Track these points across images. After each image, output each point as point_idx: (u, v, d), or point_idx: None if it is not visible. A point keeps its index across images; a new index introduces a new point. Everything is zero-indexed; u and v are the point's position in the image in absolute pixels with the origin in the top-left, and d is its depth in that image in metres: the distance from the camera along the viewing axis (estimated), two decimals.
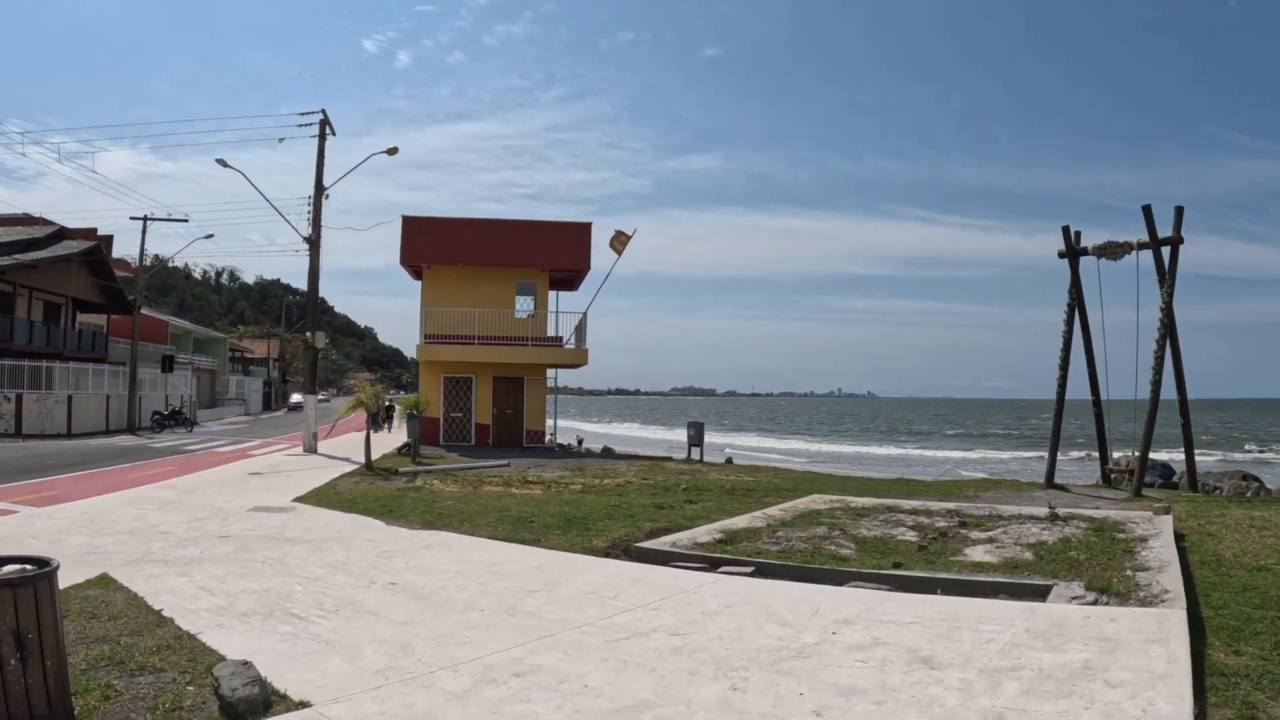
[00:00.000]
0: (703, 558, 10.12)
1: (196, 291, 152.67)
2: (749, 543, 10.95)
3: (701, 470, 22.80)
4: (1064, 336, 19.15)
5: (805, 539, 11.08)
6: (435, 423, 31.67)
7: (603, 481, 18.98)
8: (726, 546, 10.73)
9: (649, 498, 15.92)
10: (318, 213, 29.40)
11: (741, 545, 10.81)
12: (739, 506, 14.64)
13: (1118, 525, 11.54)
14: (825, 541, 10.90)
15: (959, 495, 17.69)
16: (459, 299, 31.88)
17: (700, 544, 10.88)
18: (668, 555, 10.35)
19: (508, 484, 17.83)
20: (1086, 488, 19.33)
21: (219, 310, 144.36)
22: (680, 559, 10.16)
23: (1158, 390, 17.39)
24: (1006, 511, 12.89)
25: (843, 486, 19.10)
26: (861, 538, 11.11)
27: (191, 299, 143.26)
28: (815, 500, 14.67)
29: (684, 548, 10.64)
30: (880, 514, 13.02)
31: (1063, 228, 19.25)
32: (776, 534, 11.47)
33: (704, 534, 11.52)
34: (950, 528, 11.75)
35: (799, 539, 11.07)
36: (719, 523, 12.53)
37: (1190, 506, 14.68)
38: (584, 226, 33.01)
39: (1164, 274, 17.55)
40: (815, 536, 11.21)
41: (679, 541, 11.03)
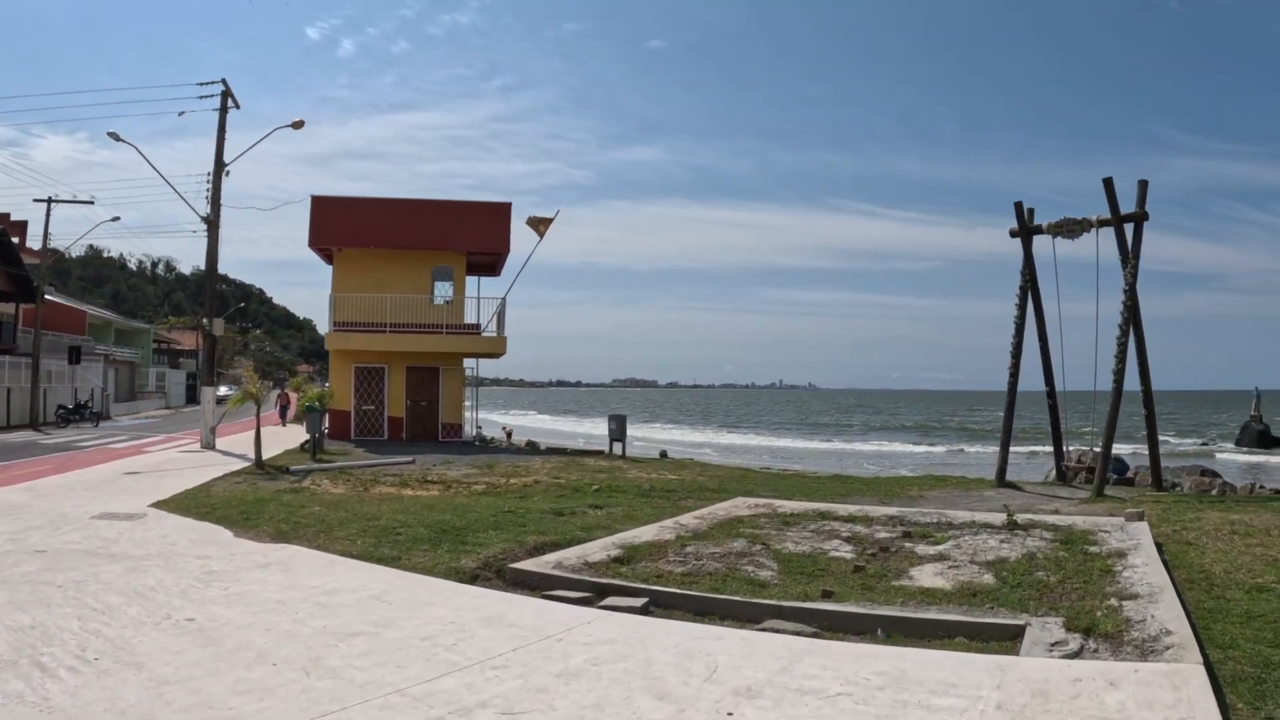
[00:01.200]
0: (588, 584, 8.16)
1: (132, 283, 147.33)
2: (650, 562, 8.98)
3: (622, 467, 20.84)
4: (1016, 322, 17.47)
5: (719, 556, 9.12)
6: (346, 416, 29.41)
7: (509, 481, 17.17)
8: (620, 568, 8.75)
9: (552, 501, 14.17)
10: (217, 191, 26.94)
11: (640, 566, 8.84)
12: (651, 513, 12.71)
13: (1087, 535, 9.75)
14: (743, 560, 8.94)
15: (902, 496, 15.94)
16: (371, 284, 29.49)
17: (591, 564, 8.91)
18: (546, 580, 8.44)
19: (404, 484, 16.24)
20: (1041, 486, 17.70)
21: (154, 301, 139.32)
22: (560, 585, 8.25)
23: (1121, 380, 15.57)
24: (958, 518, 11.07)
25: (774, 486, 17.26)
26: (787, 555, 9.17)
27: (126, 290, 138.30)
28: (739, 505, 12.75)
29: (568, 570, 8.65)
30: (812, 522, 11.12)
31: (1015, 204, 17.63)
32: (686, 549, 9.50)
33: (598, 550, 9.53)
34: (893, 540, 9.88)
35: (712, 556, 9.11)
36: (622, 534, 10.59)
37: (1160, 509, 13.03)
38: (503, 207, 30.86)
39: (1127, 254, 15.99)
40: (731, 553, 9.25)
41: (565, 561, 9.03)
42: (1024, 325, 17.39)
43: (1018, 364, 17.47)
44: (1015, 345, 17.46)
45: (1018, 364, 17.47)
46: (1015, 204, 17.48)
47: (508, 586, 8.42)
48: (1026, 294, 17.42)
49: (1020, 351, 17.45)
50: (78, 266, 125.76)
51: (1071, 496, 15.86)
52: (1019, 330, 17.41)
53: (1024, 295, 17.41)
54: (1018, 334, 17.42)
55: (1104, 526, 10.21)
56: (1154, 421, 16.38)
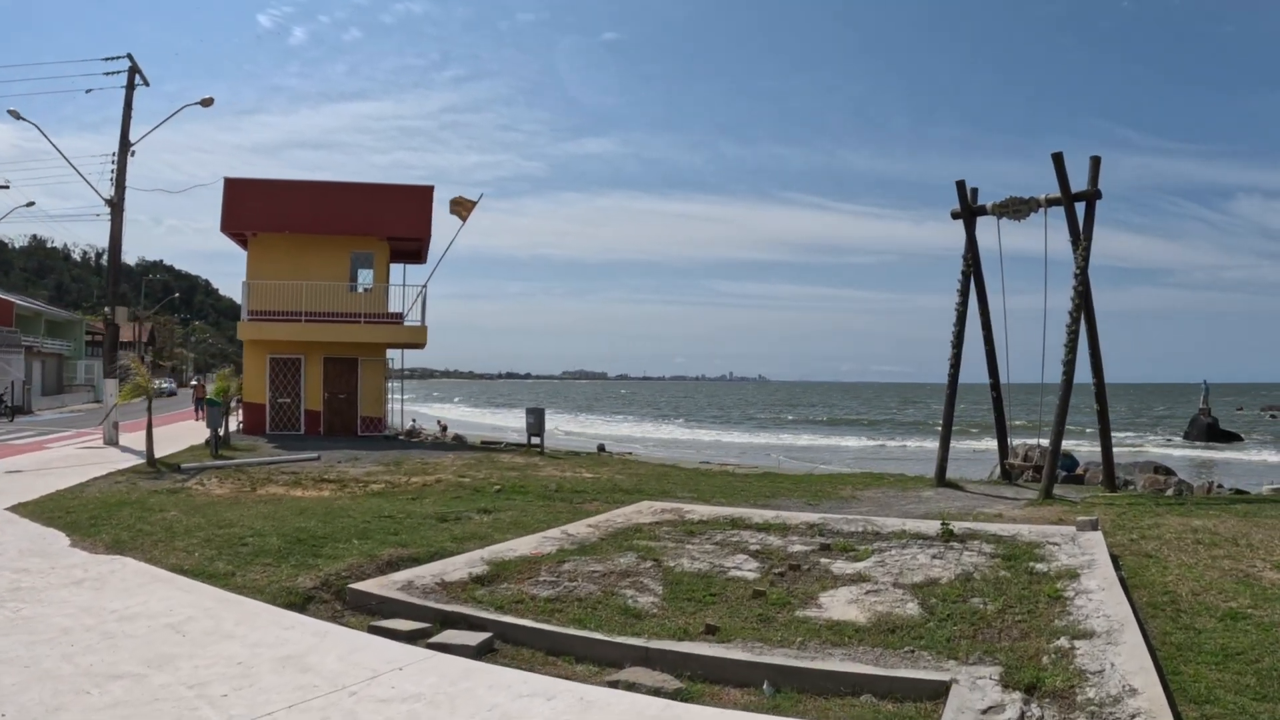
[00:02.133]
0: (431, 611, 6.68)
1: (75, 274, 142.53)
2: (516, 583, 7.45)
3: (537, 464, 19.30)
4: (958, 309, 16.12)
5: (599, 576, 7.59)
6: (261, 410, 27.68)
7: (409, 480, 15.83)
8: (478, 590, 7.23)
9: (444, 504, 12.76)
10: (121, 172, 25.37)
11: (501, 588, 7.31)
12: (543, 519, 11.22)
13: (1034, 549, 8.34)
14: (625, 581, 7.41)
15: (832, 496, 14.56)
16: (289, 271, 27.71)
17: (446, 584, 7.41)
18: (385, 605, 7.00)
19: (297, 483, 15.01)
20: (984, 485, 16.39)
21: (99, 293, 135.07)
22: (399, 613, 6.80)
23: (1071, 371, 14.21)
24: (887, 527, 9.62)
25: (696, 485, 15.78)
26: (679, 574, 7.65)
27: (70, 281, 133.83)
28: (643, 510, 11.22)
29: (417, 592, 7.14)
30: (719, 531, 9.62)
31: (957, 183, 16.20)
32: (563, 566, 7.97)
33: (461, 566, 8.00)
34: (808, 554, 8.41)
35: (590, 576, 7.58)
36: (498, 545, 9.11)
37: (1114, 513, 11.73)
38: (424, 190, 29.19)
39: (1079, 234, 14.53)
40: (614, 572, 7.72)
41: (417, 580, 7.50)
42: (966, 313, 16.02)
43: (959, 354, 16.11)
44: (956, 334, 16.09)
45: (959, 354, 16.11)
46: (957, 183, 16.11)
47: (345, 610, 7.11)
48: (969, 279, 16.06)
49: (962, 341, 16.09)
50: (20, 258, 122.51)
51: (1017, 497, 14.58)
52: (960, 318, 16.04)
53: (966, 280, 16.05)
54: (959, 322, 16.05)
55: (1052, 537, 8.82)
56: (1106, 416, 15.06)
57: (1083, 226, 14.30)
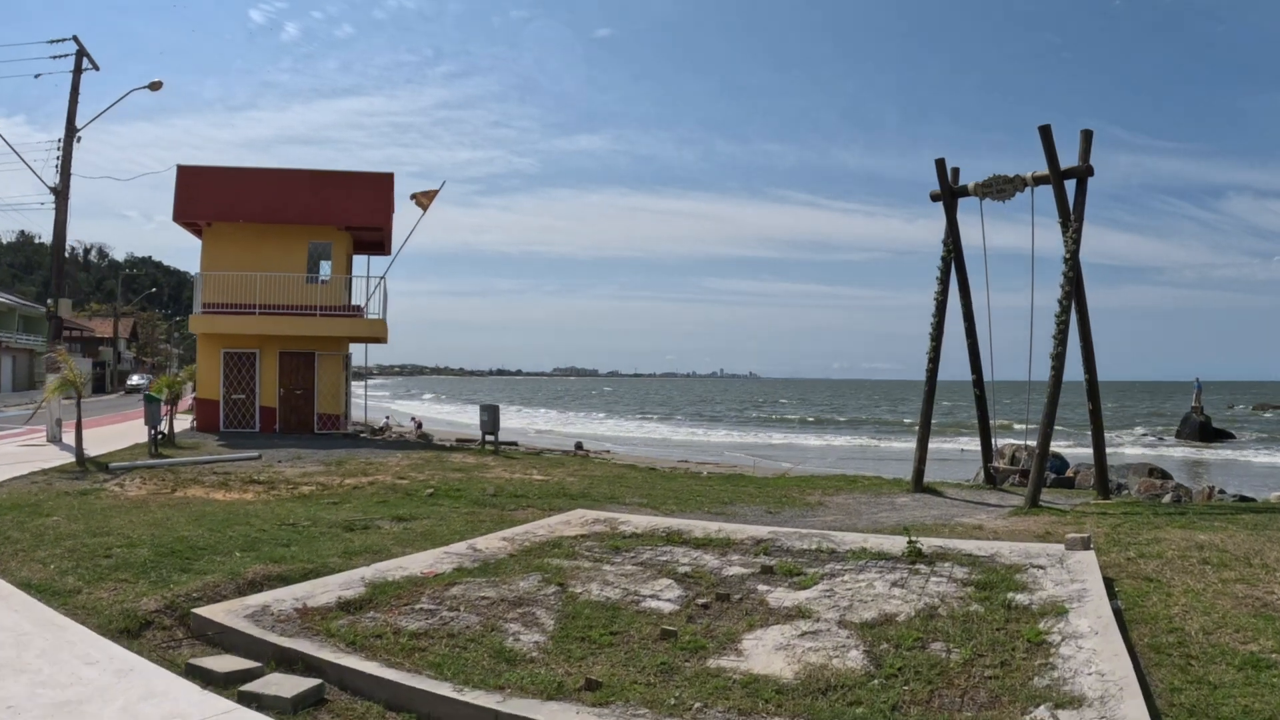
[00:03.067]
0: (269, 647, 5.47)
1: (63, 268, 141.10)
2: (386, 610, 6.15)
3: (488, 465, 18.00)
4: (937, 299, 14.72)
5: (488, 604, 6.25)
6: (215, 406, 26.43)
7: (344, 482, 14.69)
8: (339, 619, 5.98)
9: (363, 509, 11.59)
10: (67, 159, 24.26)
11: (367, 617, 6.03)
12: (460, 529, 9.96)
13: (1014, 575, 6.97)
14: (514, 612, 6.06)
15: (797, 502, 13.23)
16: (247, 262, 26.45)
17: (309, 609, 6.22)
18: (225, 635, 5.91)
19: (223, 484, 14.02)
20: (965, 490, 15.02)
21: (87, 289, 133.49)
22: (237, 645, 5.76)
23: (1061, 365, 12.72)
24: (845, 544, 8.26)
25: (649, 490, 14.42)
26: (582, 605, 6.29)
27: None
28: (572, 520, 9.85)
29: (267, 620, 6.03)
30: (651, 547, 8.26)
31: (936, 161, 14.79)
32: (451, 590, 6.62)
33: (334, 588, 6.71)
34: (745, 579, 7.05)
35: (477, 604, 6.24)
36: (389, 562, 7.85)
37: (1108, 524, 10.39)
38: (384, 178, 27.97)
39: (1068, 215, 12.99)
40: (507, 599, 6.37)
41: (274, 605, 6.31)
42: (946, 302, 14.62)
43: (938, 348, 14.69)
44: (935, 326, 14.67)
45: (938, 348, 14.69)
46: (937, 161, 14.68)
47: (184, 639, 6.04)
48: (950, 266, 14.65)
49: (941, 333, 14.68)
50: (8, 253, 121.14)
51: (1001, 504, 13.26)
52: (940, 308, 14.62)
53: (946, 268, 14.64)
54: (938, 312, 14.63)
55: (1037, 558, 7.47)
56: (1099, 415, 13.63)
57: (1073, 206, 12.88)
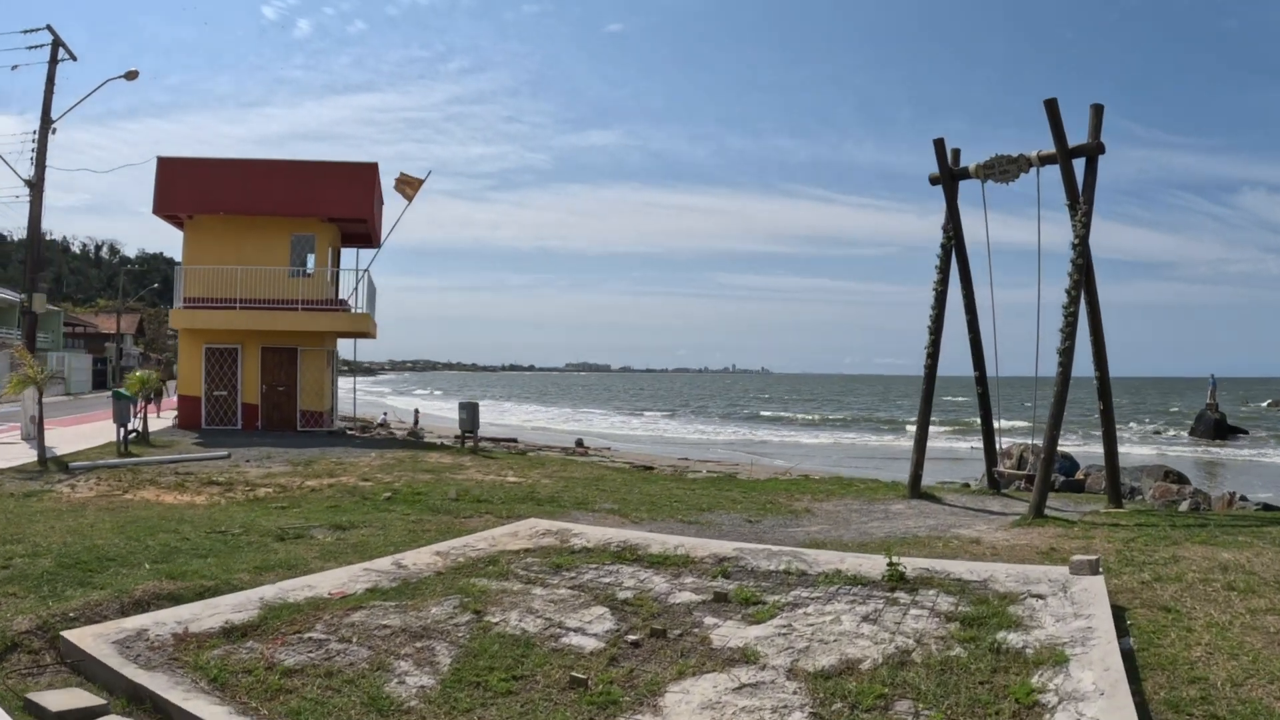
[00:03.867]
0: (123, 681, 4.85)
1: (74, 265, 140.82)
2: (270, 640, 5.40)
3: (461, 465, 17.16)
4: (935, 289, 13.61)
5: (386, 635, 5.32)
6: (196, 403, 25.73)
7: (304, 483, 14.06)
8: (215, 649, 5.26)
9: (309, 515, 10.90)
10: (42, 151, 23.80)
11: (245, 647, 5.23)
12: (398, 540, 9.23)
13: (1007, 606, 5.93)
14: (412, 646, 5.10)
15: (783, 510, 12.24)
16: (227, 255, 25.69)
17: (189, 635, 5.53)
18: (86, 664, 5.13)
19: (180, 485, 13.38)
20: (966, 496, 13.95)
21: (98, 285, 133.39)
22: (96, 676, 5.01)
23: (1069, 361, 11.56)
24: (818, 564, 7.22)
25: (625, 495, 13.43)
26: (492, 639, 5.29)
27: (69, 273, 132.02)
28: (521, 532, 8.84)
29: (139, 647, 5.38)
30: (596, 565, 7.25)
31: (935, 142, 13.66)
32: (353, 616, 5.69)
33: (227, 610, 5.87)
34: (693, 606, 6.04)
35: (374, 634, 5.31)
36: (302, 579, 6.96)
37: (1120, 538, 9.31)
38: (367, 168, 27.11)
39: (1077, 196, 11.86)
40: (410, 629, 5.40)
41: (153, 629, 5.63)
42: (946, 292, 13.51)
43: (937, 342, 13.57)
44: (934, 318, 13.56)
45: (937, 342, 13.57)
46: (935, 142, 13.57)
47: (51, 665, 5.36)
48: (950, 254, 13.55)
49: (941, 326, 13.55)
50: (19, 250, 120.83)
51: (1005, 512, 12.22)
52: (939, 299, 13.50)
53: (946, 256, 13.54)
54: (937, 304, 13.52)
55: (1037, 584, 6.41)
56: (1111, 415, 12.53)
57: (1082, 187, 11.74)
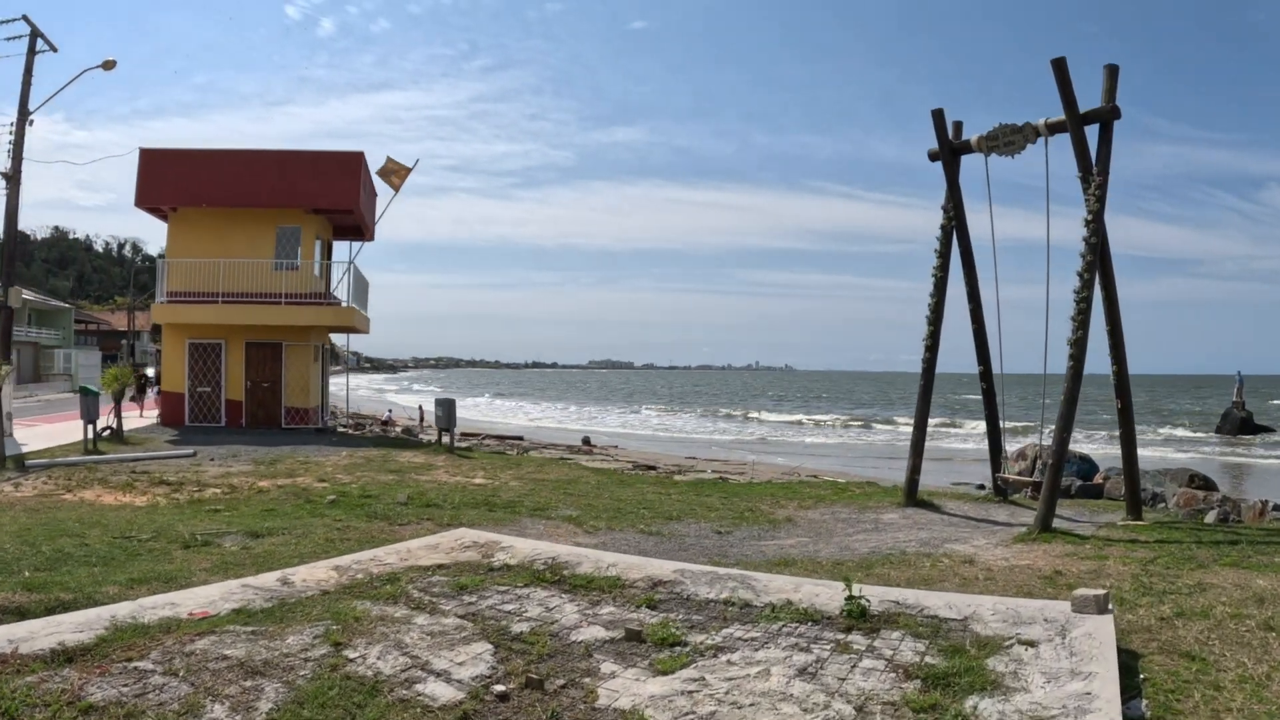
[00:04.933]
0: None
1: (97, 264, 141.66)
2: (88, 670, 4.40)
3: (431, 465, 16.35)
4: (935, 275, 12.30)
5: (216, 670, 4.30)
6: (180, 399, 25.00)
7: (256, 484, 13.09)
8: (23, 679, 4.14)
9: (229, 522, 10.03)
10: (19, 142, 22.93)
11: (61, 675, 4.30)
12: (312, 549, 8.29)
13: (987, 657, 4.71)
14: (239, 685, 4.03)
15: (762, 518, 11.07)
16: (211, 248, 24.92)
17: (19, 656, 4.61)
18: None
19: (128, 485, 12.71)
20: (969, 503, 12.65)
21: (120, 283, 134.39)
22: None
23: (1081, 353, 10.13)
24: (767, 592, 6.04)
25: (592, 499, 12.33)
26: (334, 681, 4.16)
27: (91, 272, 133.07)
28: (443, 544, 7.71)
29: None
30: (507, 586, 6.12)
31: (934, 113, 12.36)
32: (198, 643, 4.68)
33: (69, 630, 4.90)
34: (596, 646, 4.88)
35: (204, 669, 4.29)
36: (163, 596, 5.95)
37: (1138, 559, 8.04)
38: (353, 157, 26.12)
39: (1090, 167, 10.39)
40: (245, 665, 4.31)
41: None
42: (947, 279, 12.23)
43: (937, 334, 12.25)
44: (933, 307, 12.25)
45: (937, 334, 12.25)
46: (934, 113, 12.24)
47: None
48: (950, 237, 12.26)
49: (940, 316, 12.24)
50: (42, 249, 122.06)
51: (1010, 523, 10.98)
52: (939, 286, 12.20)
53: (947, 238, 12.24)
54: (937, 291, 12.20)
55: (1029, 625, 5.20)
56: (1130, 415, 11.04)
57: (1096, 156, 10.38)
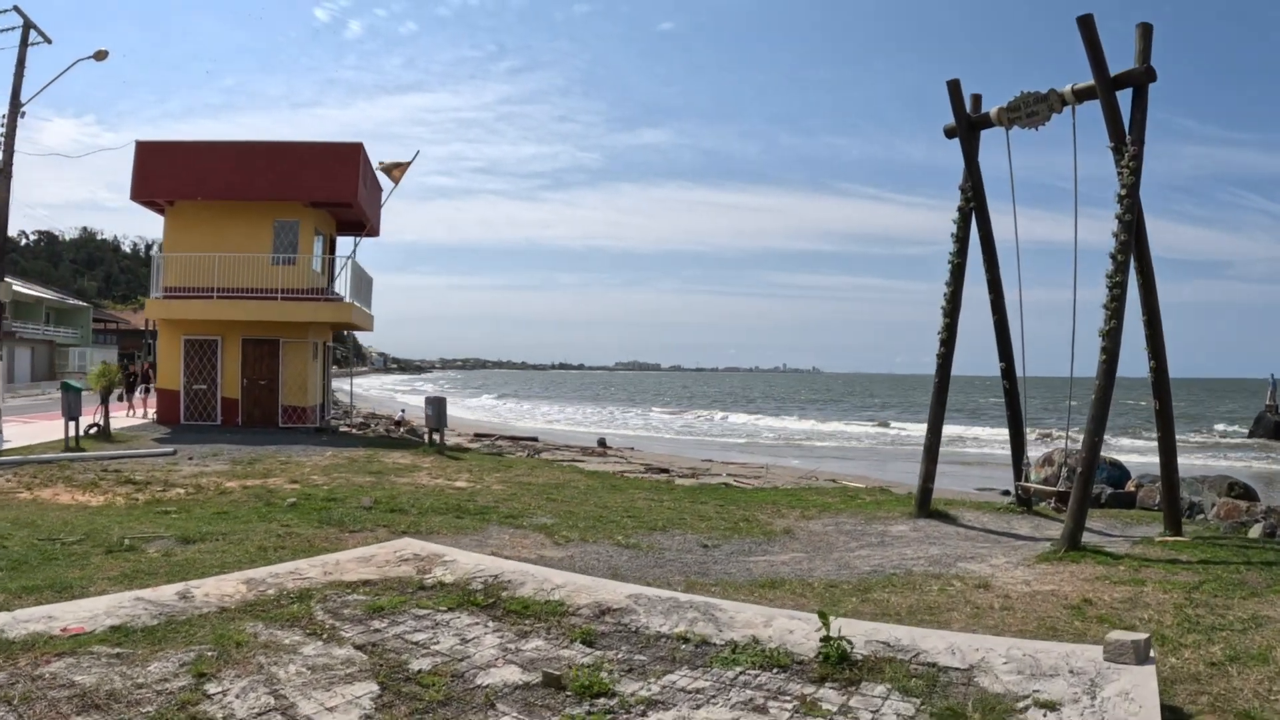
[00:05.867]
0: None
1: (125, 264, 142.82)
2: None
3: (415, 466, 15.50)
4: (952, 262, 11.13)
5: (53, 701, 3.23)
6: (175, 397, 24.41)
7: (223, 485, 12.46)
8: None
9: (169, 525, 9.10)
10: (11, 134, 22.69)
11: None
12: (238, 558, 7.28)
13: None
14: None
15: (758, 529, 10.04)
16: (209, 243, 24.28)
17: None
18: None
19: (93, 485, 12.24)
20: (990, 513, 11.46)
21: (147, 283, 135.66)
22: None
23: (1115, 347, 8.84)
24: (732, 625, 5.01)
25: (575, 506, 11.26)
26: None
27: (119, 272, 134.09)
28: (379, 556, 6.73)
29: None
30: (429, 609, 5.15)
31: (949, 84, 10.98)
32: (52, 666, 3.86)
33: None
34: (500, 694, 3.86)
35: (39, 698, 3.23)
36: (40, 609, 5.36)
37: (1181, 585, 6.88)
38: (351, 149, 25.28)
39: (1123, 136, 9.12)
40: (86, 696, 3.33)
41: None
42: (964, 265, 11.06)
43: (953, 326, 11.07)
44: (949, 296, 11.05)
45: (953, 326, 11.07)
46: (949, 84, 11.07)
47: None
48: (969, 221, 11.11)
49: (957, 307, 11.06)
50: (70, 249, 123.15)
51: (1033, 537, 9.87)
52: (956, 274, 11.04)
53: (965, 223, 11.04)
54: (954, 279, 11.05)
55: (1050, 680, 4.13)
56: (1170, 417, 9.76)
57: (1130, 123, 9.18)
